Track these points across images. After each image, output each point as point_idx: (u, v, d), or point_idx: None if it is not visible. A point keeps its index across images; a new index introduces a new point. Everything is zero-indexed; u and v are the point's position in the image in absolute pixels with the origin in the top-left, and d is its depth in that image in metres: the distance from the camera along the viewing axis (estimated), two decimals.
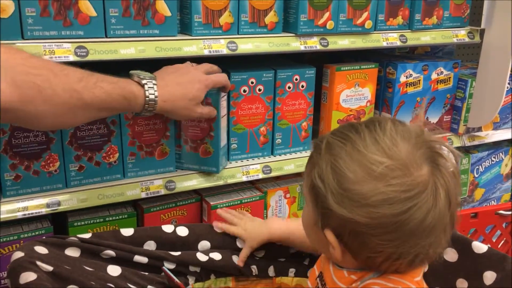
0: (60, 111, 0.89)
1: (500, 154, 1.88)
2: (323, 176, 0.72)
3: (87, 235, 0.94)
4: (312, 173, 0.74)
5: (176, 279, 0.89)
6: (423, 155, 0.70)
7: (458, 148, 1.76)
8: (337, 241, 0.73)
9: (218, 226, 1.10)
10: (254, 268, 1.05)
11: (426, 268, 0.82)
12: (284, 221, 1.09)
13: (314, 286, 0.88)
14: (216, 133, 1.29)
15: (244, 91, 1.36)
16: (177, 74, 1.12)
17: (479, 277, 0.88)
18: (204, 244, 1.03)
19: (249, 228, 1.08)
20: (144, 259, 0.95)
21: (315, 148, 0.77)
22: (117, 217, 1.30)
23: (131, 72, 1.06)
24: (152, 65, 1.36)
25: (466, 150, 1.82)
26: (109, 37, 1.12)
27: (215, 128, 1.28)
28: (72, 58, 1.08)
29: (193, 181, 1.32)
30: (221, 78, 1.20)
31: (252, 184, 1.51)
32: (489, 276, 0.88)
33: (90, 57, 1.10)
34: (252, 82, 1.36)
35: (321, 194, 0.72)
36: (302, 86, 1.44)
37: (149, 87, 1.03)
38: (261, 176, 1.41)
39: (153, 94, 1.04)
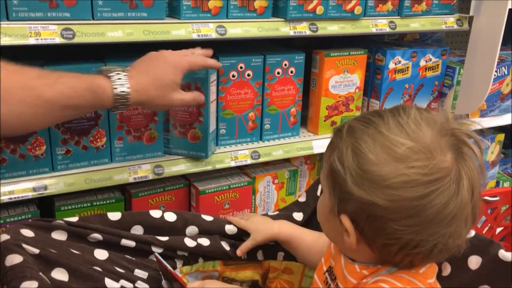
0: (17, 111, 0.81)
1: (486, 141, 1.90)
2: (343, 159, 0.70)
3: (73, 219, 0.93)
4: (332, 157, 0.73)
5: (169, 267, 0.88)
6: (448, 142, 0.68)
7: None
8: (353, 227, 0.71)
9: (228, 218, 1.09)
10: (244, 255, 1.06)
11: (445, 272, 0.83)
12: (295, 225, 1.07)
13: (321, 280, 0.86)
14: (205, 118, 1.28)
15: (233, 76, 1.35)
16: (148, 60, 1.04)
17: (464, 261, 0.89)
18: (192, 229, 1.02)
19: (257, 221, 1.07)
20: (131, 243, 0.94)
21: (336, 133, 0.75)
22: (105, 202, 1.29)
23: (101, 68, 1.00)
24: (140, 49, 1.35)
25: None
26: (96, 20, 1.11)
27: (204, 113, 1.28)
28: (58, 40, 1.06)
29: (181, 166, 1.32)
30: (198, 59, 1.11)
31: (241, 170, 1.51)
32: (474, 261, 0.88)
33: (76, 40, 1.08)
34: (241, 67, 1.35)
35: (340, 177, 0.70)
36: (291, 72, 1.43)
37: (117, 78, 0.95)
38: (249, 161, 1.41)
39: (123, 85, 0.95)
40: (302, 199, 1.12)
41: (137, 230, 0.98)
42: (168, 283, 0.93)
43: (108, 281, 0.84)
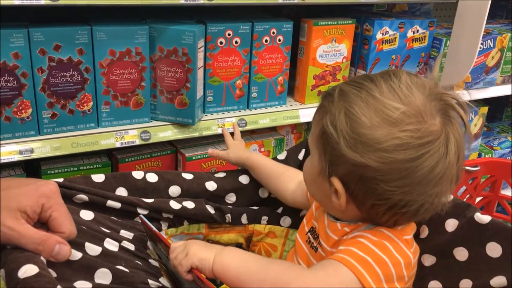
0: None
1: (470, 114, 1.92)
2: (336, 122, 0.71)
3: (58, 180, 0.93)
4: (323, 120, 0.73)
5: (153, 228, 0.89)
6: (436, 106, 0.70)
7: None
8: (344, 189, 0.73)
9: (209, 152, 1.14)
10: (228, 217, 1.07)
11: (422, 235, 0.86)
12: (265, 157, 1.12)
13: (304, 240, 0.89)
14: (192, 84, 1.28)
15: (221, 43, 1.35)
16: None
17: (441, 223, 0.92)
18: (175, 189, 1.03)
19: (232, 146, 1.13)
20: (117, 204, 0.95)
21: (326, 96, 0.76)
22: (91, 166, 1.30)
23: None
24: (127, 13, 1.34)
25: None
26: None
27: (191, 80, 1.28)
28: (43, 1, 1.05)
29: (168, 132, 1.33)
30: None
31: None
32: (451, 224, 0.90)
33: (62, 1, 1.07)
34: (229, 34, 1.35)
35: (333, 140, 0.71)
36: (279, 40, 1.43)
37: None
38: None
39: None
40: (282, 157, 1.13)
41: (121, 192, 0.99)
42: (153, 244, 0.94)
43: (88, 245, 0.84)
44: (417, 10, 1.95)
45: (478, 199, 1.50)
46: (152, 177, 1.02)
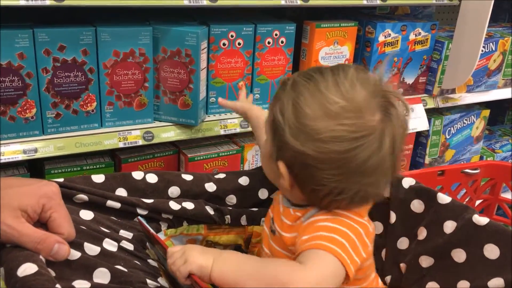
0: None
1: (472, 117, 1.93)
2: (284, 111, 0.77)
3: (59, 179, 0.93)
4: (275, 108, 0.79)
5: (151, 229, 0.89)
6: (378, 103, 0.75)
7: (431, 109, 1.81)
8: (288, 172, 0.79)
9: (219, 100, 1.21)
10: (227, 218, 1.08)
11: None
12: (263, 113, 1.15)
13: (268, 226, 0.93)
14: (195, 85, 1.29)
15: (224, 44, 1.36)
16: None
17: (440, 226, 0.92)
18: (174, 190, 1.03)
19: (242, 99, 1.21)
20: (117, 205, 0.95)
21: (282, 85, 0.81)
22: (94, 166, 1.31)
23: None
24: (131, 14, 1.35)
25: (439, 112, 1.87)
26: None
27: (194, 81, 1.29)
28: (48, 2, 1.06)
29: (171, 133, 1.33)
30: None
31: (230, 138, 1.52)
32: (450, 225, 0.91)
33: (67, 2, 1.08)
34: (232, 36, 1.36)
35: (280, 127, 0.77)
36: (282, 42, 1.44)
37: None
38: (238, 130, 1.43)
39: None
40: None
41: (121, 192, 0.99)
42: (151, 246, 0.95)
43: (87, 245, 0.84)
44: (419, 13, 1.95)
45: (478, 202, 1.50)
46: (152, 178, 1.02)
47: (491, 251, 0.85)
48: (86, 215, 0.90)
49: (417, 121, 1.72)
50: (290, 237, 0.83)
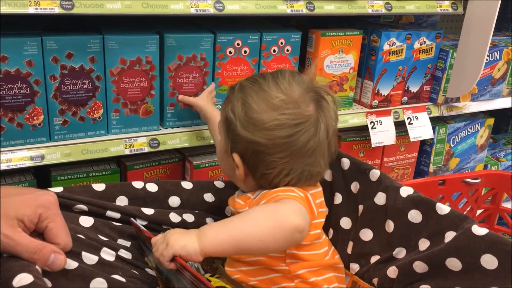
0: None
1: (476, 125, 1.93)
2: (234, 109, 0.92)
3: (58, 189, 0.92)
4: (227, 108, 0.94)
5: (143, 228, 0.89)
6: (311, 97, 0.92)
7: (436, 117, 1.81)
8: (241, 162, 0.92)
9: (179, 97, 1.32)
10: None
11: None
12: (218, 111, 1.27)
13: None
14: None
15: (230, 52, 1.36)
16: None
17: (441, 237, 0.91)
18: (174, 199, 1.04)
19: (203, 97, 1.32)
20: (116, 215, 0.95)
21: (231, 89, 0.96)
22: (101, 173, 1.31)
23: None
24: (139, 21, 1.36)
25: (443, 120, 1.87)
26: None
27: (208, 82, 1.31)
28: (57, 10, 1.07)
29: (177, 140, 1.34)
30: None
31: None
32: (450, 235, 0.90)
33: (75, 10, 1.09)
34: (238, 44, 1.36)
35: (232, 123, 0.92)
36: (287, 50, 1.45)
37: None
38: None
39: None
40: None
41: (122, 200, 0.99)
42: (145, 247, 0.94)
43: (85, 254, 0.84)
44: (423, 21, 1.96)
45: (479, 211, 1.49)
46: (152, 187, 1.03)
47: (489, 262, 0.84)
48: (86, 221, 0.91)
49: (422, 129, 1.73)
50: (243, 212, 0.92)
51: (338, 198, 1.08)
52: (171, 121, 1.35)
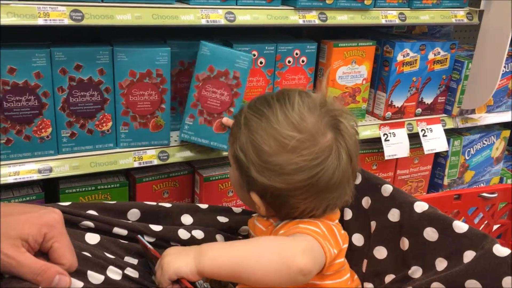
0: None
1: (492, 137, 1.89)
2: (245, 150, 0.83)
3: (66, 203, 0.90)
4: (235, 145, 0.86)
5: (150, 246, 0.86)
6: (327, 123, 0.83)
7: (451, 129, 1.77)
8: (261, 201, 0.85)
9: (224, 120, 1.23)
10: None
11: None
12: None
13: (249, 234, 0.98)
14: (235, 108, 1.27)
15: None
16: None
17: (460, 256, 0.87)
18: (187, 218, 1.01)
19: None
20: (123, 231, 0.92)
21: (236, 121, 0.88)
22: (109, 186, 1.29)
23: None
24: (149, 33, 1.34)
25: (458, 132, 1.83)
26: (105, 2, 1.10)
27: (236, 104, 1.26)
28: (67, 21, 1.06)
29: (187, 153, 1.32)
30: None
31: None
32: (469, 255, 0.86)
33: (85, 22, 1.08)
34: (254, 55, 1.34)
35: (245, 165, 0.84)
36: (303, 61, 1.43)
37: None
38: None
39: None
40: None
41: (134, 213, 0.97)
42: (151, 264, 0.91)
43: (90, 274, 0.81)
44: (437, 31, 1.93)
45: (495, 226, 1.45)
46: (166, 204, 1.01)
47: (510, 284, 0.81)
48: (92, 238, 0.88)
49: (436, 141, 1.69)
50: None
51: (348, 214, 1.05)
52: (186, 134, 1.28)
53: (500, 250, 0.83)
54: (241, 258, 0.75)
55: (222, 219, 1.04)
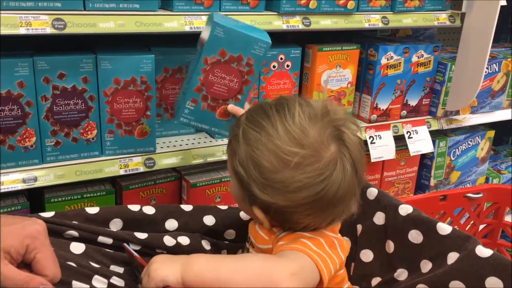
0: None
1: (477, 138, 1.91)
2: (244, 165, 0.79)
3: (49, 214, 0.89)
4: (234, 160, 0.81)
5: (136, 254, 0.86)
6: (330, 134, 0.78)
7: (436, 131, 1.79)
8: (265, 216, 0.82)
9: (229, 107, 1.14)
10: (224, 252, 1.04)
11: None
12: None
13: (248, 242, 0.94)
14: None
15: None
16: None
17: (444, 258, 0.88)
18: (172, 223, 1.01)
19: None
20: (108, 240, 0.91)
21: (233, 134, 0.83)
22: (95, 194, 1.29)
23: None
24: (132, 40, 1.34)
25: (443, 134, 1.85)
26: (88, 10, 1.10)
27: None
28: (49, 30, 1.05)
29: (173, 159, 1.32)
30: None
31: None
32: (453, 256, 0.87)
33: (68, 30, 1.07)
34: None
35: (245, 180, 0.79)
36: (287, 66, 1.43)
37: None
38: None
39: None
40: None
41: (116, 223, 0.96)
42: (137, 273, 0.91)
43: (75, 284, 0.81)
44: (421, 34, 1.95)
45: (481, 226, 1.46)
46: (149, 210, 1.00)
47: (494, 284, 0.81)
48: (77, 247, 0.87)
49: (422, 143, 1.70)
50: (265, 249, 0.86)
51: None
52: None
53: (482, 251, 0.84)
54: (226, 278, 0.72)
55: (208, 220, 1.03)
